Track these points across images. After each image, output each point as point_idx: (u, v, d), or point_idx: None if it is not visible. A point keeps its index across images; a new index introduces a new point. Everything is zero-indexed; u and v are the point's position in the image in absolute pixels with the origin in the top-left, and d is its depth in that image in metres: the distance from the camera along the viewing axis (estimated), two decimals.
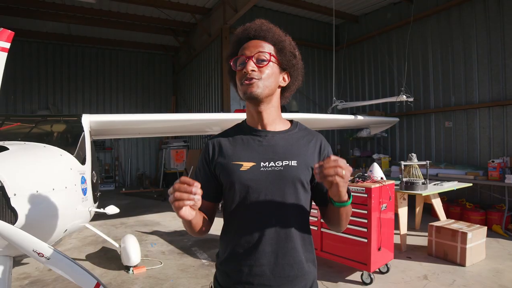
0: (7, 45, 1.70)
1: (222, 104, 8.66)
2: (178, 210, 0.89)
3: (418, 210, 5.42)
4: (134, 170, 12.65)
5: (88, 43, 11.45)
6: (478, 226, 4.17)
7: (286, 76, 1.20)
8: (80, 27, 10.06)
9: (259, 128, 1.19)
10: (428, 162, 4.62)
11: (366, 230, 3.39)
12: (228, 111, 8.23)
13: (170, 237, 5.38)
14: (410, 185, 4.40)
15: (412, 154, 4.73)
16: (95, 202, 3.61)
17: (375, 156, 7.77)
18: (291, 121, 1.28)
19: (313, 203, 1.24)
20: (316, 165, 0.90)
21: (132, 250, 3.89)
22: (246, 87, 1.10)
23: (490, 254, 4.18)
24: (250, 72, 1.09)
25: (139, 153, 12.90)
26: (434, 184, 4.87)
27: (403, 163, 4.59)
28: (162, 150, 12.03)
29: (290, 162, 1.13)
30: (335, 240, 3.68)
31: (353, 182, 3.62)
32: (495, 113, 6.15)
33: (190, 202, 0.87)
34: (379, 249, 3.45)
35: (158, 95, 13.14)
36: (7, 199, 1.97)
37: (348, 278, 3.59)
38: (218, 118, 4.98)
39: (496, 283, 3.40)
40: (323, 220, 1.26)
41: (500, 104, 6.03)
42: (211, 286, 1.26)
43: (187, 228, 1.11)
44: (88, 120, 3.73)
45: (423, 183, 4.43)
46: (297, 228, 1.14)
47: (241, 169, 1.12)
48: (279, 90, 1.21)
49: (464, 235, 3.87)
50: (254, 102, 1.14)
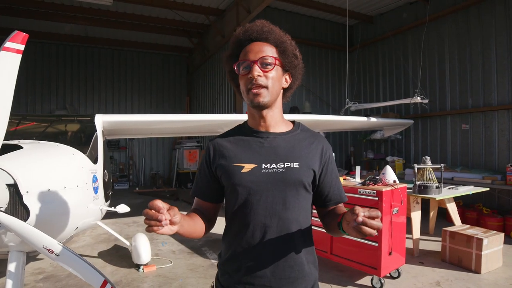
0: (22, 47, 1.74)
1: (234, 105, 8.69)
2: (151, 232, 0.87)
3: (432, 214, 5.28)
4: (147, 170, 12.82)
5: (104, 45, 11.72)
6: (494, 232, 4.04)
7: (288, 77, 1.20)
8: (96, 29, 10.29)
9: (261, 129, 1.19)
10: (442, 165, 4.49)
11: (376, 233, 3.32)
12: (241, 112, 8.24)
13: (181, 236, 5.40)
14: (424, 188, 4.30)
15: (426, 157, 4.61)
16: (106, 201, 3.67)
17: (388, 158, 7.61)
18: (293, 122, 1.27)
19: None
20: (360, 218, 0.86)
21: (143, 248, 3.93)
22: (253, 96, 1.10)
23: (507, 262, 4.03)
24: (256, 77, 1.08)
25: (153, 152, 13.07)
26: (449, 188, 4.74)
27: (416, 166, 4.48)
28: (175, 150, 12.18)
29: (292, 164, 1.12)
30: (345, 243, 3.63)
31: (364, 184, 3.56)
32: None
33: (159, 228, 0.83)
34: (390, 253, 3.37)
35: (172, 95, 13.31)
36: (20, 196, 2.03)
37: (358, 282, 3.54)
38: (229, 119, 5.00)
39: None
40: (319, 220, 1.24)
41: None
42: (213, 285, 1.26)
43: None
44: (101, 120, 3.80)
45: (437, 187, 4.32)
46: (298, 230, 1.14)
47: (242, 171, 1.12)
48: (281, 91, 1.20)
49: (479, 241, 3.75)
50: (260, 109, 1.14)
